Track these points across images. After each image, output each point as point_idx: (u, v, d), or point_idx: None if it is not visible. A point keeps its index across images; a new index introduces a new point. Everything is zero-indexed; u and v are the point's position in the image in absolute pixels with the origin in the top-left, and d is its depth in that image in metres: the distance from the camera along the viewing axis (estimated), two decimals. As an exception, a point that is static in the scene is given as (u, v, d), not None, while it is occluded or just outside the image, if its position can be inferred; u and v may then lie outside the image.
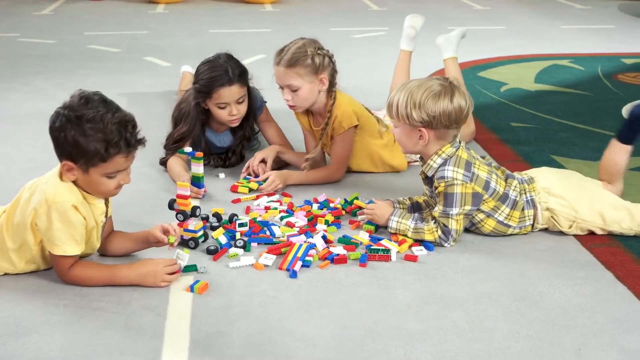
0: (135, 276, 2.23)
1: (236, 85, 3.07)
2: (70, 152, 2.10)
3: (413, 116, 2.44)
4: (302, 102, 3.01)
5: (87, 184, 2.18)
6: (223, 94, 3.06)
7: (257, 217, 2.72)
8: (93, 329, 2.01)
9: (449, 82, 2.48)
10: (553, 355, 1.92)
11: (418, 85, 2.47)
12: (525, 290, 2.24)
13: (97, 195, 2.24)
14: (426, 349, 1.93)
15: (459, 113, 2.45)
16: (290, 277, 2.30)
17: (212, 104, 3.10)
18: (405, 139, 2.53)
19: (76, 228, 2.16)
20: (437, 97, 2.43)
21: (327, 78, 2.99)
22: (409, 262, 2.41)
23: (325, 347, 1.94)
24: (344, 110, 3.00)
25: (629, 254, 2.47)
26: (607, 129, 3.84)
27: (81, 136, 2.07)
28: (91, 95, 2.13)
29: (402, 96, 2.47)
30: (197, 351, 1.92)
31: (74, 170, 2.14)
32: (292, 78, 2.94)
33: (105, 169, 2.13)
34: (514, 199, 2.56)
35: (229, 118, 3.11)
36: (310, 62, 2.92)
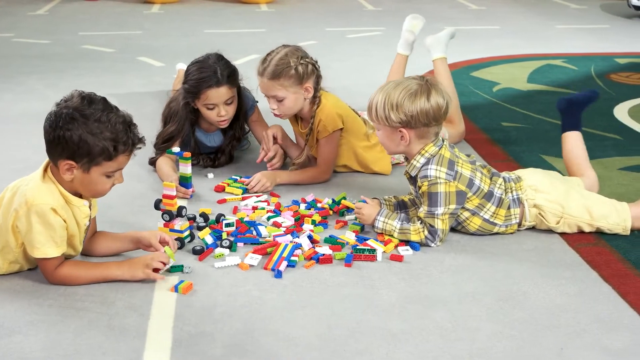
0: (125, 272, 2.24)
1: (225, 87, 3.07)
2: (73, 151, 2.11)
3: (392, 117, 2.45)
4: (287, 111, 3.03)
5: (83, 184, 2.18)
6: (211, 95, 3.06)
7: (245, 217, 2.72)
8: (76, 329, 2.01)
9: (425, 80, 2.48)
10: (535, 355, 1.92)
11: (395, 86, 2.48)
12: (510, 290, 2.24)
13: (89, 196, 2.24)
14: (408, 349, 1.93)
15: (437, 111, 2.45)
16: (275, 277, 2.30)
17: (201, 104, 3.10)
18: (388, 140, 2.54)
19: (56, 230, 2.15)
20: (414, 97, 2.43)
21: (312, 86, 2.99)
22: (394, 262, 2.41)
23: (308, 347, 1.94)
24: (327, 114, 3.00)
25: (615, 253, 2.47)
26: (598, 129, 3.84)
27: (89, 135, 2.08)
28: (92, 95, 2.16)
29: (380, 98, 2.48)
30: (179, 351, 1.92)
31: (73, 170, 2.14)
32: (276, 90, 2.94)
33: (108, 168, 2.15)
34: (499, 197, 2.57)
35: (217, 119, 3.11)
36: (294, 73, 2.92)
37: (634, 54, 5.81)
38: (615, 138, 3.70)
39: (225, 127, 3.23)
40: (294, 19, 7.75)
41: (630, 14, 7.82)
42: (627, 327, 2.04)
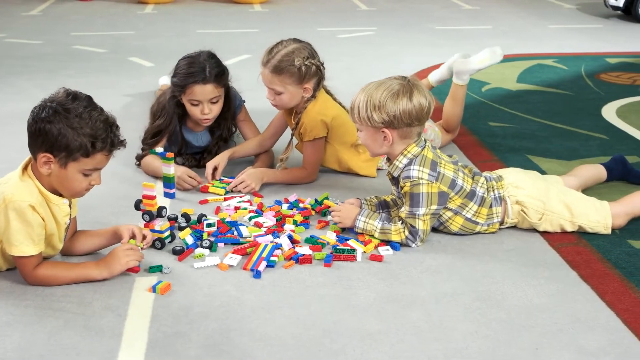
0: (103, 271, 2.25)
1: (211, 85, 3.06)
2: (52, 145, 2.12)
3: (374, 118, 2.45)
4: (283, 105, 3.03)
5: (60, 180, 2.18)
6: (196, 91, 3.06)
7: (226, 218, 2.72)
8: (52, 329, 2.01)
9: (407, 80, 2.48)
10: (510, 356, 1.92)
11: (377, 86, 2.48)
12: (488, 290, 2.24)
13: (65, 194, 2.24)
14: (383, 349, 1.93)
15: (420, 111, 2.45)
16: (254, 278, 2.30)
17: (186, 99, 3.10)
18: (370, 141, 2.54)
19: (34, 228, 2.15)
20: (396, 97, 2.43)
21: (312, 87, 2.98)
22: (374, 262, 2.41)
23: (283, 347, 1.94)
24: (311, 119, 2.99)
25: (595, 253, 2.47)
26: (584, 129, 3.84)
27: (69, 128, 2.10)
28: (78, 92, 2.19)
29: (362, 99, 2.48)
30: (154, 352, 1.92)
31: (50, 164, 2.14)
32: (275, 84, 2.94)
33: (85, 165, 2.16)
34: (482, 196, 2.57)
35: (200, 116, 3.11)
36: (295, 72, 2.91)
37: (625, 53, 5.81)
38: (601, 138, 3.70)
39: (211, 126, 3.23)
40: (287, 19, 7.74)
41: (608, 14, 7.82)
42: (603, 327, 2.04)
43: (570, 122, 3.96)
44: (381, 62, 5.57)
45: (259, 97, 3.73)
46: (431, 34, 6.84)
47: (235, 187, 2.96)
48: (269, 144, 3.26)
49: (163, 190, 2.94)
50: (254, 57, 5.57)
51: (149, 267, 2.33)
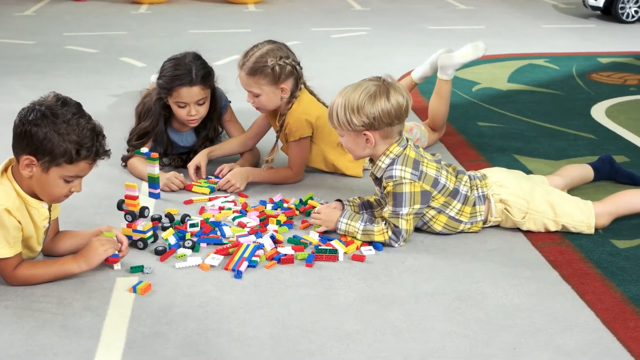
0: (81, 263, 2.26)
1: (198, 87, 3.06)
2: (36, 148, 2.12)
3: (354, 122, 2.45)
4: (263, 107, 3.03)
5: (40, 184, 2.18)
6: (183, 94, 3.05)
7: (210, 218, 2.72)
8: (30, 329, 2.01)
9: (382, 80, 2.48)
10: (487, 355, 1.92)
11: (353, 89, 2.48)
12: (469, 290, 2.24)
13: (44, 199, 2.24)
14: (361, 349, 1.93)
15: (399, 110, 2.45)
16: (235, 278, 2.29)
17: (172, 101, 3.10)
18: (353, 145, 2.53)
19: (9, 231, 2.15)
20: (374, 98, 2.43)
21: (289, 87, 2.98)
22: (356, 262, 2.41)
23: (260, 347, 1.94)
24: (296, 119, 2.99)
25: (578, 253, 2.47)
26: (572, 128, 3.84)
27: (55, 133, 2.10)
28: (68, 98, 2.20)
29: (339, 104, 2.48)
30: (132, 352, 1.92)
31: (33, 167, 2.15)
32: (252, 86, 2.95)
33: (67, 172, 2.16)
34: (465, 194, 2.57)
35: (187, 118, 3.11)
36: (269, 72, 2.91)
37: (617, 53, 5.82)
38: (589, 137, 3.70)
39: (197, 126, 3.23)
40: (281, 19, 7.74)
41: (587, 14, 7.82)
42: (582, 326, 2.04)
43: (559, 122, 3.96)
44: (373, 62, 5.57)
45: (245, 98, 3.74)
46: (424, 33, 6.84)
47: (221, 187, 2.96)
48: (250, 144, 3.26)
49: (148, 191, 2.94)
50: (246, 57, 5.57)
51: (130, 267, 2.33)
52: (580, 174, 2.97)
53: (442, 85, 3.52)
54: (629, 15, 7.27)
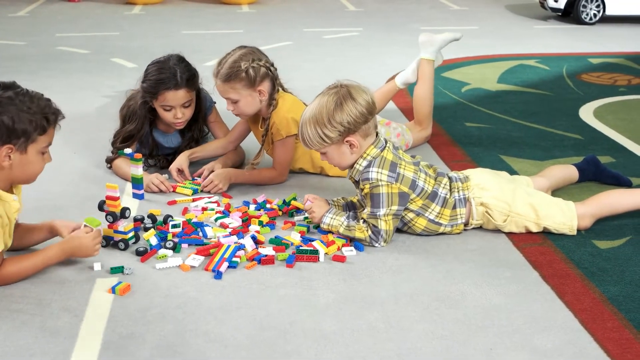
0: (67, 253, 2.31)
1: (183, 90, 3.06)
2: (9, 135, 2.15)
3: (329, 135, 2.44)
4: (243, 112, 3.02)
5: (21, 167, 2.21)
6: (169, 97, 3.05)
7: (193, 218, 2.72)
8: (7, 330, 2.01)
9: (339, 85, 2.48)
10: (464, 356, 1.92)
11: (316, 105, 2.46)
12: (448, 290, 2.24)
13: (25, 181, 2.27)
14: (338, 349, 1.93)
15: (368, 106, 2.46)
16: (215, 278, 2.29)
17: (158, 105, 3.10)
18: (339, 156, 2.51)
19: None
20: (340, 105, 2.42)
21: (267, 89, 2.97)
22: (336, 262, 2.41)
23: (237, 347, 1.94)
24: (282, 117, 2.98)
25: (559, 253, 2.47)
26: (559, 129, 3.84)
27: (20, 112, 2.14)
28: (5, 81, 2.22)
29: (307, 123, 2.46)
30: (108, 353, 1.92)
31: (11, 154, 2.17)
32: (229, 92, 2.94)
33: (42, 143, 2.21)
34: (444, 197, 2.57)
35: (173, 120, 3.11)
36: (244, 76, 2.90)
37: (607, 53, 5.82)
38: (576, 138, 3.71)
39: (183, 128, 3.23)
40: (274, 19, 7.74)
41: (545, 16, 7.82)
42: (560, 327, 2.04)
43: (546, 123, 3.96)
44: (364, 63, 5.57)
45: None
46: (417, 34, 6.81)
47: (204, 188, 2.96)
48: (231, 148, 3.26)
49: (132, 191, 2.94)
50: (237, 57, 5.57)
51: (110, 268, 2.33)
52: (564, 175, 2.97)
53: (424, 66, 3.57)
54: (589, 17, 7.28)
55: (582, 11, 7.27)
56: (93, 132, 3.69)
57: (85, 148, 3.49)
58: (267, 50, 5.70)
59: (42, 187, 2.67)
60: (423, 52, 3.61)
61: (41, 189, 2.78)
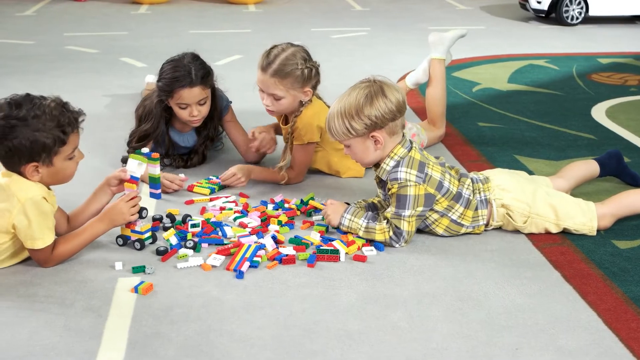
0: (107, 223, 2.40)
1: (198, 88, 3.06)
2: (30, 154, 2.20)
3: (355, 127, 2.43)
4: (281, 110, 3.00)
5: (52, 176, 2.29)
6: (184, 95, 3.05)
7: (211, 218, 2.72)
8: (32, 330, 2.01)
9: (373, 80, 2.48)
10: (489, 356, 1.92)
11: (347, 96, 2.47)
12: (470, 290, 2.24)
13: (60, 183, 2.35)
14: (363, 349, 1.93)
15: (398, 104, 2.46)
16: (237, 278, 2.29)
17: (174, 103, 3.10)
18: (362, 151, 2.50)
19: (49, 217, 2.27)
20: (371, 99, 2.42)
21: (311, 90, 2.96)
22: (357, 262, 2.41)
23: (262, 347, 1.94)
24: (306, 123, 2.96)
25: (579, 253, 2.47)
26: (573, 129, 3.84)
27: (36, 132, 2.18)
28: (16, 97, 2.25)
29: (335, 114, 2.46)
30: (133, 352, 1.92)
31: (39, 169, 2.23)
32: (277, 89, 2.90)
33: (67, 151, 2.27)
34: (468, 198, 2.56)
35: (189, 118, 3.11)
36: (299, 75, 2.87)
37: (616, 53, 5.82)
38: (589, 138, 3.70)
39: (199, 126, 3.23)
40: (281, 19, 7.74)
41: (525, 17, 7.80)
42: (584, 327, 2.04)
43: (559, 123, 3.96)
44: (373, 62, 5.57)
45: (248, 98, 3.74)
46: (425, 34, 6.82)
47: (226, 180, 2.95)
48: None
49: (149, 191, 2.93)
50: (246, 57, 5.58)
51: (132, 267, 2.33)
52: (585, 172, 2.94)
53: (434, 66, 3.57)
54: (572, 18, 7.28)
55: (565, 11, 7.26)
56: (105, 132, 3.68)
57: (99, 147, 3.48)
58: (276, 50, 5.71)
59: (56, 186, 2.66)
60: (434, 51, 3.61)
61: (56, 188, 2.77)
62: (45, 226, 2.25)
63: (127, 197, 2.42)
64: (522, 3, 7.73)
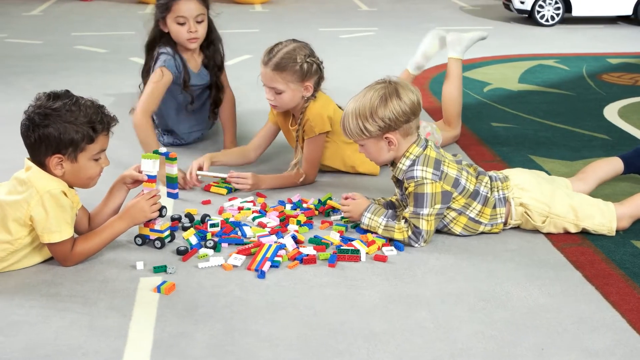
0: (128, 221, 2.41)
1: (195, 1, 3.18)
2: (57, 145, 2.24)
3: (368, 128, 2.45)
4: (283, 104, 3.01)
5: (74, 174, 2.30)
6: (182, 7, 3.20)
7: (230, 218, 2.72)
8: (57, 329, 2.01)
9: (388, 81, 2.49)
10: (515, 356, 1.91)
11: (362, 96, 2.48)
12: (493, 290, 2.24)
13: (82, 185, 2.36)
14: (389, 349, 1.93)
15: (412, 106, 2.46)
16: (258, 278, 2.29)
17: (171, 19, 3.23)
18: (376, 151, 2.52)
19: (67, 211, 2.28)
20: (385, 100, 2.43)
21: (312, 85, 2.97)
22: (378, 262, 2.41)
23: (288, 347, 1.94)
24: (316, 114, 2.97)
25: (599, 254, 2.47)
26: (586, 129, 3.84)
27: (67, 124, 2.22)
28: (56, 90, 2.30)
29: (350, 114, 2.48)
30: (159, 352, 1.92)
31: (62, 162, 2.26)
32: (277, 82, 2.92)
33: (93, 151, 2.30)
34: (485, 196, 2.56)
35: (187, 36, 3.25)
36: (298, 69, 2.89)
37: (626, 54, 5.82)
38: (603, 138, 3.70)
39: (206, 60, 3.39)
40: (288, 19, 7.75)
41: (509, 17, 7.80)
42: (608, 327, 2.04)
43: (572, 123, 3.96)
44: (382, 63, 5.58)
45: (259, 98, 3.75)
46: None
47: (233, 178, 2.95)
48: (252, 156, 3.23)
49: (166, 191, 2.94)
50: (255, 57, 5.57)
51: (153, 267, 2.33)
52: (607, 171, 2.91)
53: (451, 65, 3.58)
54: (548, 18, 7.28)
55: (539, 12, 7.26)
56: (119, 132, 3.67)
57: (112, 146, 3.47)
58: (286, 50, 5.71)
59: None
60: (451, 50, 3.61)
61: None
62: (63, 219, 2.26)
63: (148, 194, 2.43)
64: (505, 3, 7.73)
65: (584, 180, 2.83)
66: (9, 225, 2.26)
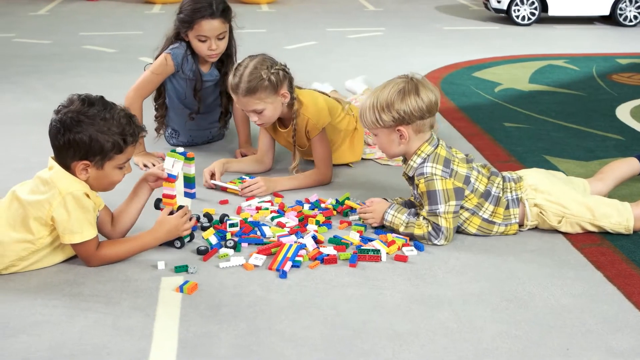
0: (160, 237, 2.42)
1: (218, 20, 3.18)
2: (86, 152, 2.24)
3: (383, 118, 2.49)
4: (269, 120, 3.00)
5: (98, 180, 2.31)
6: (204, 27, 3.16)
7: (248, 218, 2.72)
8: (81, 329, 2.01)
9: (410, 78, 2.52)
10: (541, 356, 1.91)
11: (382, 88, 2.52)
12: (515, 290, 2.24)
13: (102, 189, 2.37)
14: (414, 349, 1.93)
15: (429, 104, 2.49)
16: (280, 278, 2.29)
17: (193, 35, 3.21)
18: (387, 143, 2.56)
19: (90, 212, 2.29)
20: (403, 94, 2.47)
21: (287, 90, 2.96)
22: (399, 262, 2.41)
23: (313, 347, 1.94)
24: (313, 111, 2.98)
25: (619, 254, 2.47)
26: (599, 129, 3.84)
27: (99, 133, 2.23)
28: (91, 96, 2.30)
29: (368, 104, 2.52)
30: (186, 352, 1.92)
31: (88, 168, 2.27)
32: (254, 104, 2.90)
33: (119, 160, 2.31)
34: (497, 196, 2.57)
35: (207, 52, 3.21)
36: (268, 84, 2.87)
37: (635, 54, 5.82)
38: (617, 138, 3.70)
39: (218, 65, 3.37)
40: (295, 19, 7.75)
41: (489, 17, 7.80)
42: (632, 327, 2.04)
43: (584, 123, 3.96)
44: (390, 62, 5.58)
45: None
46: (439, 34, 6.85)
47: (247, 187, 2.94)
48: (267, 162, 3.22)
49: (184, 191, 2.93)
50: (264, 57, 5.58)
51: (174, 266, 2.33)
52: (625, 171, 2.91)
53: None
54: (524, 18, 7.28)
55: (515, 10, 7.26)
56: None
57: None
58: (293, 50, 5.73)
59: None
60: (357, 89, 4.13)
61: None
62: (85, 220, 2.26)
63: (182, 212, 2.44)
64: (484, 2, 7.74)
65: (603, 181, 2.83)
66: (30, 225, 2.26)
